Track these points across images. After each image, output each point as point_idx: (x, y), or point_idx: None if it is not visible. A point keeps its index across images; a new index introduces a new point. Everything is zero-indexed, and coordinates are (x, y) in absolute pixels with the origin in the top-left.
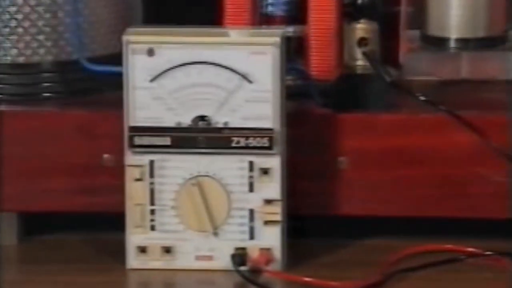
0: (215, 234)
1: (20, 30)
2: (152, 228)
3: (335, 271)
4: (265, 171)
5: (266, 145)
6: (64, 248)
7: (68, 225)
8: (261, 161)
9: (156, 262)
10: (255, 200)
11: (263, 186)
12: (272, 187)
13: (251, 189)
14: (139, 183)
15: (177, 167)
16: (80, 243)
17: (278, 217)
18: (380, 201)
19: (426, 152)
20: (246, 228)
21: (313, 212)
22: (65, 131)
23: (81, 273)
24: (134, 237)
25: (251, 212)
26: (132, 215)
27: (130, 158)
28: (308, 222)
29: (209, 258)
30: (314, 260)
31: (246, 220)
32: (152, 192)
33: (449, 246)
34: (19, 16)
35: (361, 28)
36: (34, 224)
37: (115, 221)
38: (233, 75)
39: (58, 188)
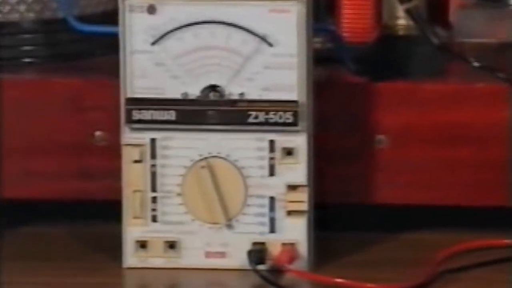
0: (229, 226)
1: None
2: (154, 219)
3: (371, 271)
4: (288, 152)
5: (290, 120)
6: (48, 243)
7: (54, 215)
8: (284, 140)
9: (158, 259)
10: (276, 186)
11: (286, 169)
12: (297, 171)
13: (271, 172)
14: (138, 165)
15: (184, 147)
16: (68, 237)
17: (304, 206)
18: (425, 188)
19: (481, 128)
20: (266, 220)
21: (346, 201)
22: (49, 103)
23: (69, 272)
24: (132, 230)
25: (272, 200)
26: (130, 203)
27: (128, 136)
28: (340, 212)
29: (222, 254)
30: (346, 258)
31: (266, 210)
32: (153, 176)
33: (507, 241)
34: None
35: None
36: (13, 214)
37: (109, 211)
38: (250, 37)
39: (42, 171)
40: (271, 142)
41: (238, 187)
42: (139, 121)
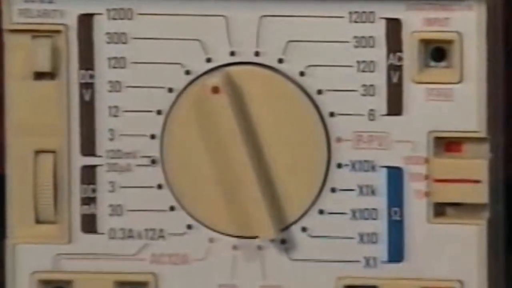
0: (285, 244)
1: None
2: (89, 225)
3: None
4: (438, 52)
5: None
6: None
7: None
8: (427, 22)
9: None
10: (407, 142)
11: (433, 98)
12: (460, 102)
13: (395, 107)
14: (46, 85)
15: (165, 37)
16: None
17: (481, 195)
18: None
19: None
20: (380, 226)
21: None
22: None
23: None
24: (30, 253)
25: (395, 176)
26: (23, 186)
27: (17, 8)
28: None
29: None
30: None
31: (381, 201)
32: (88, 113)
33: None
34: None
35: None
36: None
37: None
38: None
39: None
40: (392, 26)
41: (308, 143)
42: None
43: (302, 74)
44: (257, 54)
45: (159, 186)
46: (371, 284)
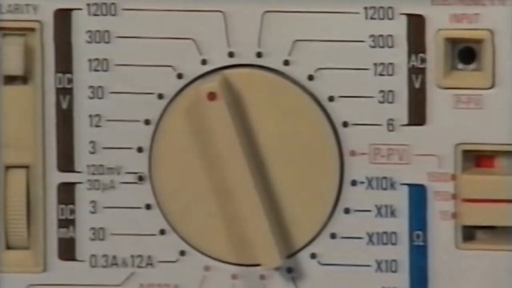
0: (290, 273)
1: None
2: (67, 252)
3: None
4: (466, 52)
5: None
6: None
7: None
8: (452, 18)
9: None
10: (431, 155)
11: (460, 106)
12: (491, 110)
13: (417, 116)
14: (16, 90)
15: (153, 36)
16: None
17: None
18: None
19: None
20: (396, 251)
21: None
22: None
23: None
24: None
25: (416, 193)
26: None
27: None
28: None
29: None
30: None
31: (402, 223)
32: (65, 122)
33: None
34: None
35: None
36: None
37: None
38: None
39: None
40: (414, 23)
41: (318, 157)
42: None
43: (311, 78)
44: (259, 55)
45: (148, 206)
46: None
